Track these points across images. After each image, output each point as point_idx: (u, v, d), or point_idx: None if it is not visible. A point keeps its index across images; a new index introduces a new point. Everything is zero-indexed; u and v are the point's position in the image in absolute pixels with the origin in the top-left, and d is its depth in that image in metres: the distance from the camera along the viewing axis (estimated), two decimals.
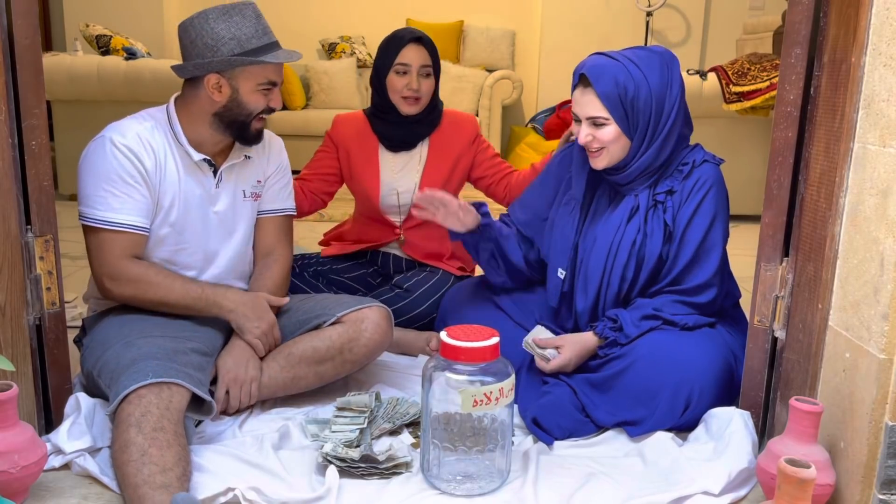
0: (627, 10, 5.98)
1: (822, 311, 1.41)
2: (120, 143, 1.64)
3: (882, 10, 1.25)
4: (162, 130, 1.70)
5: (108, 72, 4.11)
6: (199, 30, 1.63)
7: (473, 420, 1.44)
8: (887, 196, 1.23)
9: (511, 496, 1.44)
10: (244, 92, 1.67)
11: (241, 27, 1.63)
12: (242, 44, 1.63)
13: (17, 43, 1.45)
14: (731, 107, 3.94)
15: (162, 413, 1.40)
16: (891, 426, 1.24)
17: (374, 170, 2.21)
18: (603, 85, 1.68)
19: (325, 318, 1.77)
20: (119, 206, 1.63)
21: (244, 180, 1.81)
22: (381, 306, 1.82)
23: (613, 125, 1.70)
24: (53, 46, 6.54)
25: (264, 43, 1.66)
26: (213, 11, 1.63)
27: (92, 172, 1.64)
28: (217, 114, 1.68)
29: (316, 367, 1.75)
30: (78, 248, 3.29)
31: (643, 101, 1.69)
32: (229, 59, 1.62)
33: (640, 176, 1.76)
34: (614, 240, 1.77)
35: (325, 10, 6.36)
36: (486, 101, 5.56)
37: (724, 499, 1.44)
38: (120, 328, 1.65)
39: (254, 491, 1.39)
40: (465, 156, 2.23)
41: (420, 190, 2.18)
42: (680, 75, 1.76)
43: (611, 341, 1.74)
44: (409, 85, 2.11)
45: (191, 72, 1.65)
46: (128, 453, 1.34)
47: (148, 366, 1.47)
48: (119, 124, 1.69)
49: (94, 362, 1.62)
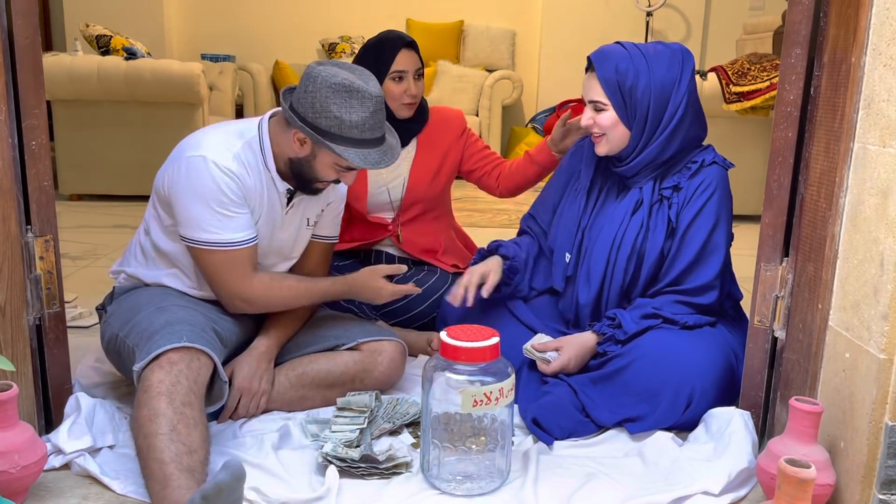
0: (627, 10, 5.99)
1: (822, 311, 1.41)
2: (222, 164, 1.60)
3: (882, 10, 1.25)
4: (253, 153, 1.67)
5: (108, 72, 4.11)
6: (316, 87, 1.56)
7: (473, 420, 1.44)
8: (887, 196, 1.23)
9: (511, 496, 1.44)
10: (320, 163, 1.64)
11: (353, 113, 1.57)
12: (343, 128, 1.57)
13: (17, 43, 1.45)
14: (731, 107, 3.94)
15: (191, 386, 1.41)
16: (891, 426, 1.24)
17: (362, 174, 2.21)
18: (604, 70, 1.72)
19: (343, 341, 1.79)
20: (234, 225, 1.63)
21: (310, 209, 1.81)
22: (399, 341, 1.84)
23: (611, 111, 1.74)
24: (53, 46, 6.54)
25: (365, 137, 1.60)
26: (344, 79, 1.57)
27: (196, 195, 1.60)
28: (292, 160, 1.66)
29: (325, 392, 1.76)
30: (78, 248, 3.31)
31: (641, 92, 1.71)
32: (319, 135, 1.57)
33: (643, 170, 1.78)
34: (618, 233, 1.78)
35: (325, 10, 6.37)
36: (486, 101, 5.57)
37: (724, 499, 1.44)
38: (151, 297, 1.67)
39: (254, 491, 1.38)
40: (454, 150, 2.25)
41: (409, 184, 2.19)
42: (692, 75, 1.76)
43: (609, 337, 1.75)
44: (408, 91, 2.11)
45: (288, 113, 1.61)
46: (157, 424, 1.34)
47: (183, 329, 1.49)
48: (208, 143, 1.64)
49: (121, 325, 1.63)
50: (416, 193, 2.22)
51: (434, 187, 2.23)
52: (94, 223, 3.80)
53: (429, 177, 2.21)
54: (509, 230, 3.90)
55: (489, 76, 5.63)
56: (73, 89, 4.12)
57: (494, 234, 3.79)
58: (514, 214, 4.30)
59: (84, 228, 3.63)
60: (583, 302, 1.83)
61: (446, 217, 2.36)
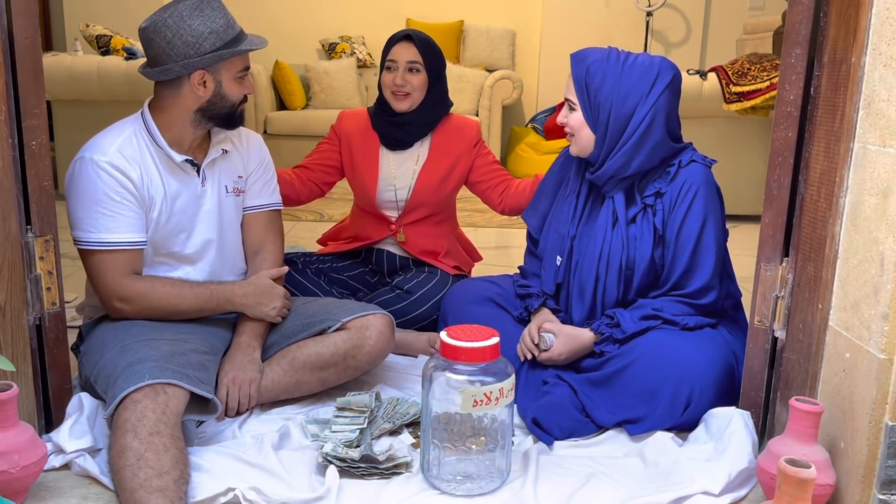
0: (627, 10, 5.98)
1: (822, 311, 1.41)
2: (102, 161, 1.62)
3: (882, 10, 1.25)
4: (140, 138, 1.69)
5: (108, 72, 4.11)
6: (175, 29, 1.61)
7: (473, 420, 1.44)
8: (887, 196, 1.23)
9: (511, 496, 1.44)
10: (226, 84, 1.69)
11: (216, 20, 1.63)
12: (221, 36, 1.64)
13: (17, 43, 1.44)
14: (731, 107, 3.94)
15: (158, 417, 1.40)
16: (891, 426, 1.24)
17: (374, 166, 2.23)
18: (577, 70, 1.75)
19: (329, 323, 1.78)
20: (113, 225, 1.63)
21: (225, 176, 1.81)
22: (385, 314, 1.83)
23: (579, 111, 1.76)
24: (53, 46, 6.53)
25: (238, 32, 1.68)
26: (184, 8, 1.62)
27: (79, 195, 1.63)
28: (200, 109, 1.69)
29: (319, 373, 1.76)
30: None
31: (604, 96, 1.71)
32: (219, 54, 1.63)
33: (610, 180, 1.78)
34: (602, 249, 1.78)
35: (325, 10, 6.36)
36: (486, 101, 5.56)
37: (724, 499, 1.44)
38: (116, 333, 1.65)
39: (254, 491, 1.39)
40: (465, 159, 2.25)
41: (416, 187, 2.20)
42: (666, 89, 1.72)
43: (607, 337, 1.75)
44: (395, 80, 2.14)
45: (178, 72, 1.63)
46: (124, 458, 1.35)
47: (143, 368, 1.47)
48: (96, 142, 1.66)
49: (90, 368, 1.62)
50: (421, 196, 2.23)
51: (440, 193, 2.24)
52: None
53: (436, 182, 2.22)
54: (509, 230, 3.90)
55: (489, 76, 5.62)
56: (73, 89, 4.12)
57: (494, 234, 3.80)
58: None
59: None
60: (576, 320, 1.83)
61: (450, 221, 2.36)
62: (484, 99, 5.57)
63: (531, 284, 1.92)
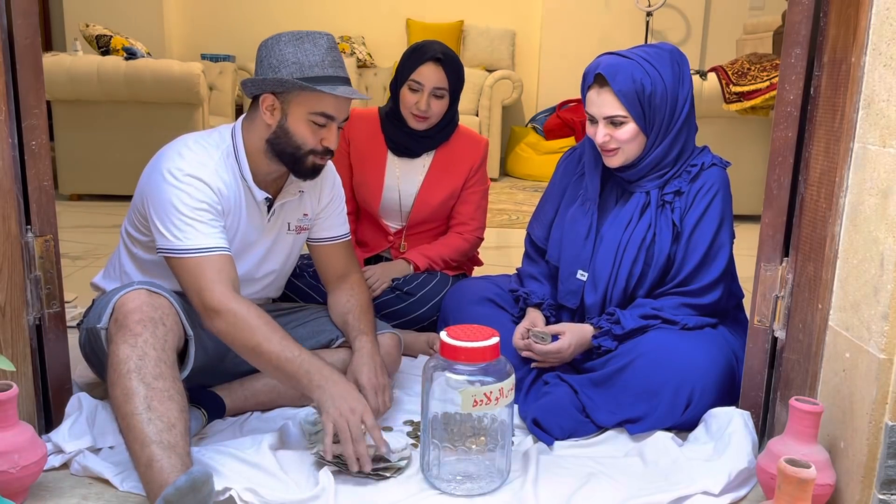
0: (627, 10, 5.99)
1: (822, 311, 1.41)
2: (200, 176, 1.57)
3: (882, 10, 1.25)
4: (229, 165, 1.63)
5: (108, 72, 4.10)
6: (269, 49, 1.57)
7: (473, 420, 1.44)
8: (887, 196, 1.23)
9: (511, 496, 1.44)
10: (293, 119, 1.58)
11: (309, 54, 1.55)
12: (304, 69, 1.54)
13: (17, 43, 1.44)
14: (731, 107, 3.94)
15: (159, 355, 1.40)
16: (891, 426, 1.24)
17: (380, 170, 2.23)
18: (620, 83, 1.68)
19: (337, 334, 1.79)
20: (208, 231, 1.56)
21: (291, 214, 1.77)
22: (395, 333, 1.84)
23: (632, 123, 1.70)
24: (53, 46, 6.54)
25: (329, 74, 1.56)
26: (288, 35, 1.57)
27: (173, 206, 1.55)
28: (269, 140, 1.62)
29: None
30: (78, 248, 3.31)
31: (660, 98, 1.70)
32: (283, 80, 1.53)
33: (650, 172, 1.77)
34: (623, 237, 1.77)
35: (325, 10, 6.36)
36: (486, 101, 5.56)
37: (724, 499, 1.44)
38: None
39: (250, 491, 1.38)
40: (463, 176, 2.26)
41: (416, 202, 2.20)
42: (689, 71, 1.77)
43: (606, 331, 1.75)
44: (419, 104, 2.10)
45: (250, 88, 1.59)
46: (132, 404, 1.35)
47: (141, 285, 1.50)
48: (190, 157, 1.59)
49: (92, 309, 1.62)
50: (423, 213, 2.24)
51: (442, 210, 2.26)
52: (94, 223, 3.80)
53: (440, 194, 2.23)
54: (509, 230, 3.90)
55: (489, 76, 5.63)
56: (73, 89, 4.11)
57: (494, 234, 3.80)
58: (513, 214, 4.31)
59: (84, 228, 3.63)
60: (589, 303, 1.83)
61: None
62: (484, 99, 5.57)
63: (532, 292, 1.92)
